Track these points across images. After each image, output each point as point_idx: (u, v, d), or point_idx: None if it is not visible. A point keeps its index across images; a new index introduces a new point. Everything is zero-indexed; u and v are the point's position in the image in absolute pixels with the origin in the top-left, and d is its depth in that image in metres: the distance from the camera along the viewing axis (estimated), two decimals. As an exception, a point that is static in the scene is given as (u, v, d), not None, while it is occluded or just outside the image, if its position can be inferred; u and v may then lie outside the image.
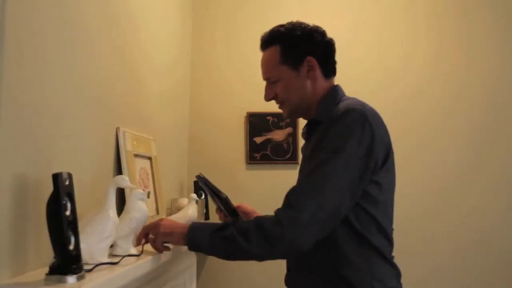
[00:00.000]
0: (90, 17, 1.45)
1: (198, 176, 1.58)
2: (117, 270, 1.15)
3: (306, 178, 1.32)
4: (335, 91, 1.48)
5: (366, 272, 1.32)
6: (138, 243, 1.41)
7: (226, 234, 1.28)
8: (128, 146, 1.66)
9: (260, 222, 1.29)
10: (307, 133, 1.51)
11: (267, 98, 1.51)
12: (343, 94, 1.48)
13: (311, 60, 1.45)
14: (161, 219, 1.44)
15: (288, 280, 1.50)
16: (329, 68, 1.49)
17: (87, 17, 1.43)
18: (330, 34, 1.52)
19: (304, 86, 1.46)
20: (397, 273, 1.40)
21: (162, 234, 1.37)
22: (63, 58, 1.28)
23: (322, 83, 1.47)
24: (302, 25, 1.49)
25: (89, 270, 1.09)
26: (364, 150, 1.29)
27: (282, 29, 1.49)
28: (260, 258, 1.30)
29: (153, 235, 1.40)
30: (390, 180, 1.40)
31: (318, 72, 1.46)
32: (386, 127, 1.39)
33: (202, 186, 1.60)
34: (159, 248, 1.40)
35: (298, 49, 1.45)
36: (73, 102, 1.34)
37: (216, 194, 1.58)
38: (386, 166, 1.35)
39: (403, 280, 1.41)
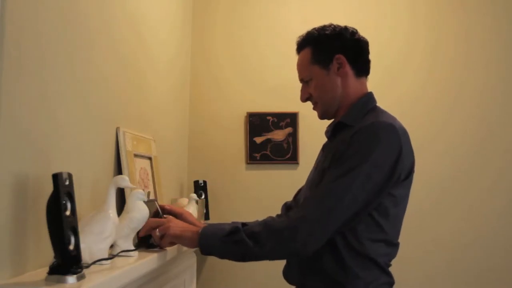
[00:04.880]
0: (90, 17, 1.45)
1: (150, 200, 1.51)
2: (117, 270, 1.15)
3: (325, 185, 1.33)
4: (369, 98, 1.50)
5: (361, 279, 1.34)
6: (142, 233, 1.42)
7: (237, 238, 1.32)
8: (128, 146, 1.66)
9: (270, 223, 1.35)
10: (331, 133, 1.52)
11: (302, 98, 1.55)
12: (375, 103, 1.50)
13: (340, 57, 1.48)
14: (170, 220, 1.45)
15: (286, 272, 1.52)
16: (361, 67, 1.51)
17: (87, 17, 1.43)
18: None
19: (335, 84, 1.48)
20: (390, 282, 1.41)
21: (172, 236, 1.39)
22: (63, 57, 1.28)
23: (353, 82, 1.49)
24: (332, 26, 1.53)
25: (87, 266, 1.10)
26: (390, 163, 1.32)
27: (314, 31, 1.54)
28: (271, 259, 1.36)
29: (160, 233, 1.41)
30: (405, 196, 1.41)
31: (348, 70, 1.48)
32: (411, 145, 1.40)
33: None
34: (165, 246, 1.42)
35: (328, 48, 1.49)
36: (73, 102, 1.34)
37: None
38: (406, 181, 1.38)
39: (403, 283, 1.41)
